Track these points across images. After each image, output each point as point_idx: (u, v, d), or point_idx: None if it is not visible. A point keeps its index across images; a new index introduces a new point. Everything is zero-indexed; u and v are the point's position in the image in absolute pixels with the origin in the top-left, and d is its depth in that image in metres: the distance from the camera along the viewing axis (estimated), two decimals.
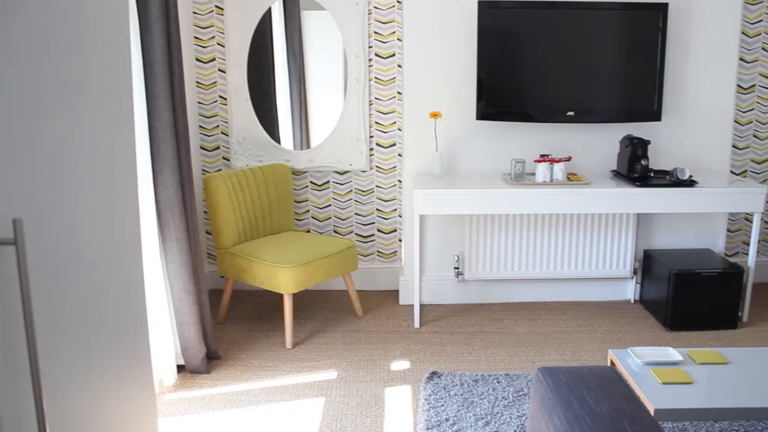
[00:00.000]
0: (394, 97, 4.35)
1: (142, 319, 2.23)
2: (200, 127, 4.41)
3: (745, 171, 4.63)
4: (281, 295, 4.40)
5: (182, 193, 3.27)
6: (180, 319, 3.33)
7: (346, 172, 4.46)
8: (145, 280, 3.10)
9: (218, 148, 4.44)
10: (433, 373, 3.37)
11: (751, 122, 4.55)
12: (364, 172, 4.46)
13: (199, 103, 4.37)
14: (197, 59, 4.32)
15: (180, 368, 3.45)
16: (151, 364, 2.30)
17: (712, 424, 2.91)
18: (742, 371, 2.59)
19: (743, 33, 4.38)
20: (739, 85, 4.47)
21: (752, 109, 4.53)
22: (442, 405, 3.08)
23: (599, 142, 4.23)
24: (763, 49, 4.43)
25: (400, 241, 4.54)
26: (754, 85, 4.50)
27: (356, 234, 4.57)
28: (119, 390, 2.06)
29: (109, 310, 2.00)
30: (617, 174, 4.12)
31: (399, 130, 4.38)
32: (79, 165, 1.81)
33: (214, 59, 4.32)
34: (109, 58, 1.97)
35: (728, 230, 4.67)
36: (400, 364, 3.54)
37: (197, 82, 4.34)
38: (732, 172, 4.57)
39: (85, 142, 1.84)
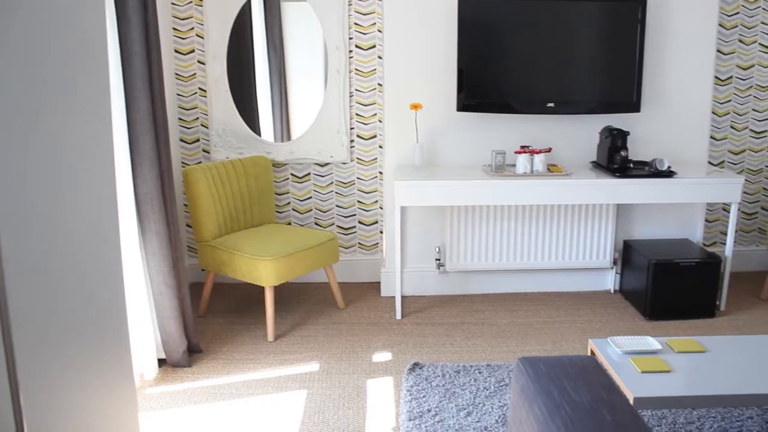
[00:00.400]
0: (375, 88, 4.34)
1: (122, 314, 2.21)
2: (179, 119, 4.38)
3: (723, 161, 4.68)
4: (262, 288, 4.39)
5: (162, 185, 3.24)
6: (160, 313, 3.31)
7: (327, 164, 4.45)
8: (125, 274, 3.08)
9: (198, 140, 4.41)
10: (415, 365, 3.38)
11: (729, 113, 4.59)
12: (344, 163, 4.45)
13: (178, 95, 4.34)
14: (176, 51, 4.28)
15: (161, 362, 3.43)
16: (132, 358, 2.28)
17: (690, 412, 2.95)
18: (719, 359, 2.63)
19: (720, 25, 4.42)
20: (716, 77, 4.51)
21: (729, 101, 4.57)
22: (424, 396, 3.09)
23: (579, 134, 4.25)
24: (740, 41, 4.48)
25: (382, 232, 4.54)
26: (731, 77, 4.54)
27: (337, 226, 4.56)
28: (99, 385, 2.05)
29: (88, 305, 1.98)
30: (597, 165, 4.15)
31: (380, 121, 4.38)
32: (56, 158, 1.79)
33: (193, 51, 4.29)
34: (86, 49, 1.94)
35: (706, 220, 4.72)
36: (382, 356, 3.54)
37: (176, 73, 4.31)
38: (710, 162, 4.62)
39: (62, 135, 1.82)
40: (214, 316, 4.05)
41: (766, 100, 4.59)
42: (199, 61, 4.30)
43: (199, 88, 4.33)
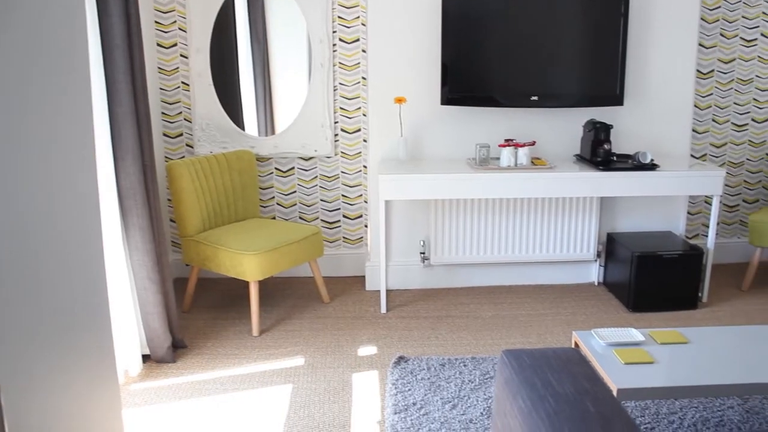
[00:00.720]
0: (359, 82, 4.33)
1: (105, 310, 2.20)
2: (162, 113, 4.35)
3: (705, 155, 4.71)
4: (247, 283, 4.38)
5: (145, 180, 3.22)
6: (144, 309, 3.29)
7: (311, 158, 4.44)
8: (108, 270, 3.06)
9: (181, 134, 4.38)
10: (400, 358, 3.39)
11: (710, 107, 4.63)
12: (329, 157, 4.44)
13: (160, 89, 4.31)
14: (158, 44, 4.25)
15: (145, 358, 3.42)
16: (115, 354, 2.27)
17: (672, 402, 2.98)
18: (701, 350, 2.65)
19: (702, 19, 4.44)
20: (698, 71, 4.54)
21: (711, 94, 4.61)
22: (410, 389, 3.10)
23: (563, 127, 4.27)
24: (721, 35, 4.51)
25: (366, 226, 4.54)
26: (712, 71, 4.57)
27: (322, 220, 4.55)
28: (82, 382, 2.03)
29: (70, 301, 1.96)
30: (581, 158, 4.17)
31: (364, 115, 4.37)
32: (36, 153, 1.77)
33: (175, 44, 4.25)
34: (66, 43, 1.92)
35: (688, 213, 4.76)
36: (367, 350, 3.55)
37: (159, 67, 4.28)
38: (692, 155, 4.65)
39: (41, 130, 1.80)
40: (199, 311, 4.04)
41: (747, 93, 4.63)
42: (182, 55, 4.27)
43: (182, 82, 4.30)
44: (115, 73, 3.01)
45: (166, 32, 4.23)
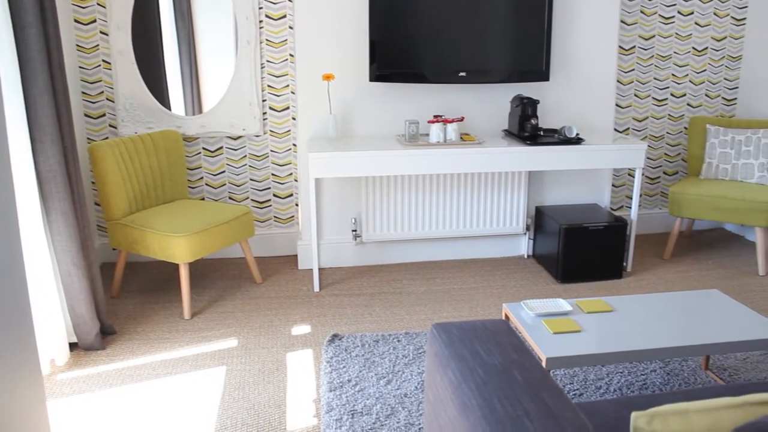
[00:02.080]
0: (287, 59, 4.27)
1: (24, 299, 2.12)
2: (83, 93, 4.19)
3: (628, 128, 4.85)
4: (177, 266, 4.30)
5: (66, 163, 3.11)
6: (70, 295, 3.20)
7: (240, 137, 4.37)
8: (29, 257, 2.95)
9: (104, 115, 4.24)
10: (334, 336, 3.40)
11: (632, 82, 4.75)
12: (257, 136, 4.38)
13: (80, 67, 4.15)
14: (76, 20, 4.08)
15: (73, 346, 3.33)
16: (36, 344, 2.20)
17: (599, 368, 3.08)
18: (625, 317, 2.74)
19: None
20: (620, 47, 4.65)
21: (633, 70, 4.73)
22: (344, 366, 3.11)
23: (491, 103, 4.32)
24: (642, 12, 4.62)
25: (297, 205, 4.51)
26: (634, 47, 4.69)
27: (252, 200, 4.50)
28: (1, 375, 1.96)
29: None
30: (509, 133, 4.23)
31: (292, 93, 4.32)
32: None
33: (94, 21, 4.10)
34: None
35: (613, 185, 4.90)
36: (301, 329, 3.54)
37: (77, 45, 4.12)
38: (616, 129, 4.78)
39: None
40: (128, 296, 3.95)
41: (666, 69, 4.77)
42: (101, 32, 4.12)
43: (103, 61, 4.16)
44: (28, 52, 2.88)
45: (83, 8, 4.07)
